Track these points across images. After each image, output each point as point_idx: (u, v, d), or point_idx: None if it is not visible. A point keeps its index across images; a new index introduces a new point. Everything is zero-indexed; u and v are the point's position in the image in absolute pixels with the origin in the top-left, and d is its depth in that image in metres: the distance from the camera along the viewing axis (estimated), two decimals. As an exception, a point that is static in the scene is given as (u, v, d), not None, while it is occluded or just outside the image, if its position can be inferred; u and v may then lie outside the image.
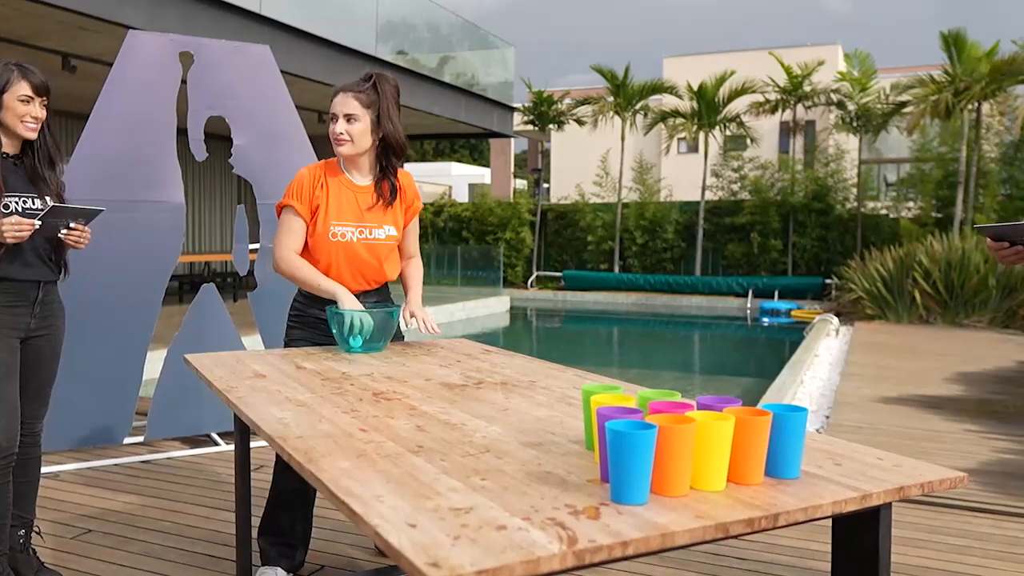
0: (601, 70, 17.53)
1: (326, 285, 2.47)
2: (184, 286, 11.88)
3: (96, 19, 6.75)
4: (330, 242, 2.50)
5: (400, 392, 1.85)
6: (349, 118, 2.44)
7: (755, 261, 16.90)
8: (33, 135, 2.46)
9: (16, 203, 2.44)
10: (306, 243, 2.55)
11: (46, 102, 2.49)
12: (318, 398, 1.78)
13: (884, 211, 17.20)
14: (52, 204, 2.46)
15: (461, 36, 14.89)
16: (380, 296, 2.65)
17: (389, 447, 1.39)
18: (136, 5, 7.12)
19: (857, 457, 1.34)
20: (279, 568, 2.58)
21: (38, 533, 2.72)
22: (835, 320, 11.78)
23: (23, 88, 2.41)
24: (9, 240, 2.30)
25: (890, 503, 1.26)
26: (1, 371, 2.43)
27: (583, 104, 18.56)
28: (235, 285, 12.63)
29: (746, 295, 15.93)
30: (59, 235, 2.49)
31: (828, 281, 15.62)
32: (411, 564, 0.91)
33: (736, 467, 1.20)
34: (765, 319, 14.75)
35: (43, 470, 2.83)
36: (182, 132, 4.18)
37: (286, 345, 2.67)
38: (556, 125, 18.90)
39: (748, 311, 15.50)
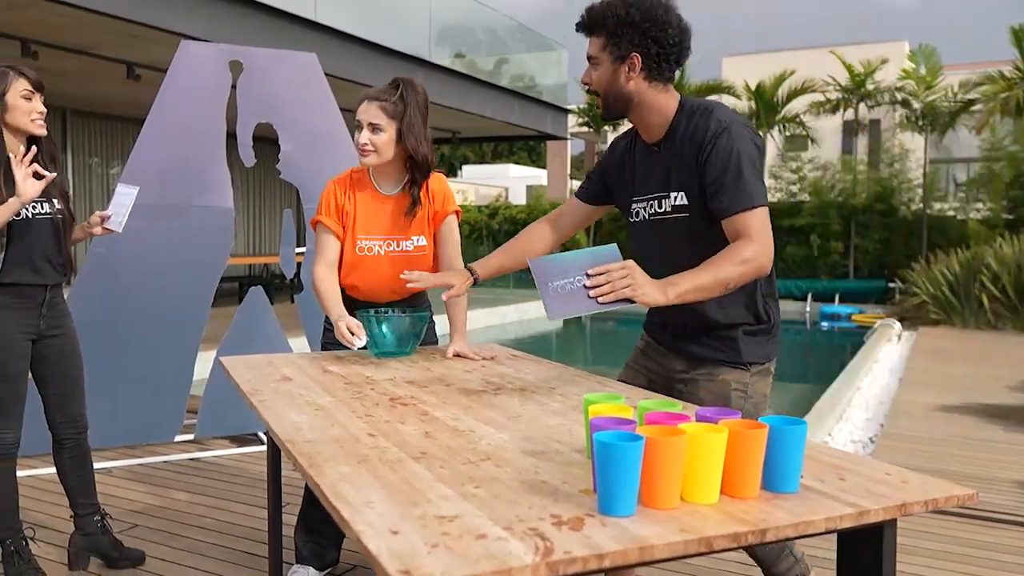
0: (657, 71, 17.35)
1: (329, 309, 2.45)
2: (243, 287, 12.18)
3: (155, 29, 6.98)
4: (358, 256, 2.52)
5: (417, 397, 1.87)
6: (374, 128, 2.40)
7: (815, 264, 16.54)
8: (43, 130, 2.51)
9: (26, 209, 2.50)
10: (342, 255, 2.57)
11: (43, 98, 2.54)
12: (337, 402, 1.82)
13: (951, 212, 16.65)
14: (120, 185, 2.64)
15: (518, 38, 14.94)
16: (415, 302, 2.66)
17: (392, 453, 1.41)
18: (193, 15, 7.34)
19: (864, 472, 1.31)
20: (311, 567, 2.64)
21: (111, 517, 2.86)
22: (897, 325, 11.46)
23: (23, 85, 2.46)
24: (33, 194, 2.40)
25: (894, 520, 1.23)
26: (12, 371, 2.53)
27: (639, 105, 18.40)
28: (292, 287, 12.90)
29: (805, 299, 15.60)
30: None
31: (891, 285, 15.20)
32: (384, 571, 0.92)
33: (731, 480, 1.19)
34: (824, 323, 14.41)
35: (96, 466, 2.93)
36: (231, 136, 4.30)
37: (322, 348, 2.72)
38: (612, 127, 18.79)
39: (807, 315, 15.17)
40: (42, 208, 2.55)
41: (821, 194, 16.55)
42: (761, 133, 16.99)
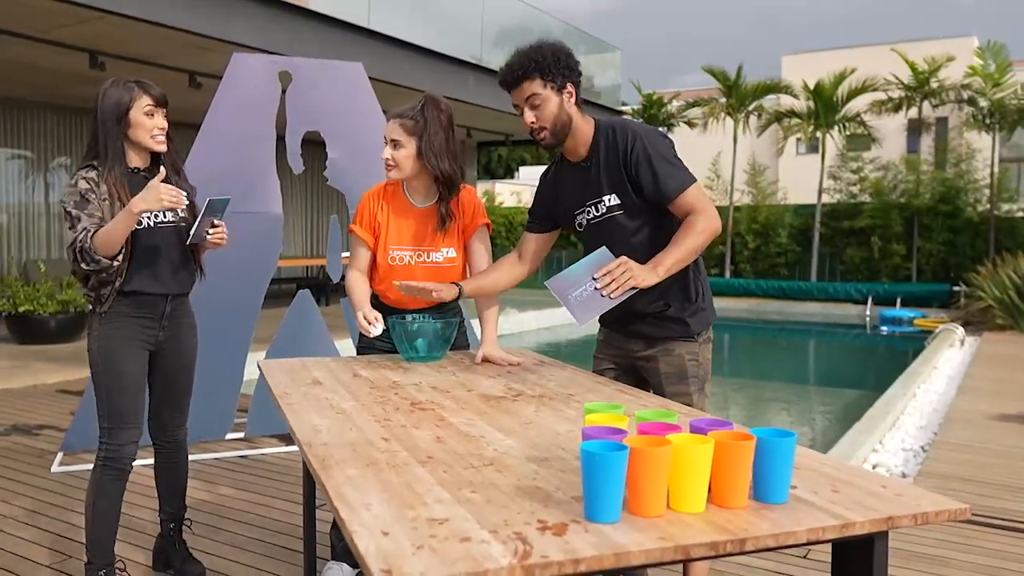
0: (712, 71, 17.19)
1: (354, 304, 2.58)
2: (299, 288, 12.46)
3: (213, 39, 7.22)
4: (390, 265, 2.61)
5: (437, 402, 1.94)
6: (395, 144, 2.50)
7: (876, 266, 16.15)
8: (163, 147, 2.51)
9: (148, 219, 2.50)
10: (376, 263, 2.67)
11: (165, 113, 2.54)
12: (359, 406, 1.89)
13: (1021, 213, 16.06)
14: (209, 198, 2.47)
15: (575, 40, 14.94)
16: (445, 308, 2.73)
17: (401, 456, 1.47)
18: (249, 25, 7.57)
19: (859, 484, 1.33)
20: (345, 563, 2.72)
21: (188, 527, 2.91)
22: (960, 330, 11.12)
23: (146, 101, 2.47)
24: (167, 204, 2.31)
25: (885, 532, 1.25)
26: (127, 381, 2.50)
27: (693, 106, 18.25)
28: (340, 290, 13.14)
29: (865, 302, 15.24)
30: (206, 234, 2.53)
31: (956, 288, 14.73)
32: (368, 569, 0.98)
33: (718, 490, 1.22)
34: (885, 328, 14.06)
35: (150, 462, 2.98)
36: (283, 142, 4.44)
37: (357, 352, 2.81)
38: (666, 128, 18.66)
39: (867, 319, 14.82)
40: (165, 217, 2.54)
41: (882, 195, 16.15)
42: (819, 133, 16.69)
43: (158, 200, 2.30)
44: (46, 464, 4.10)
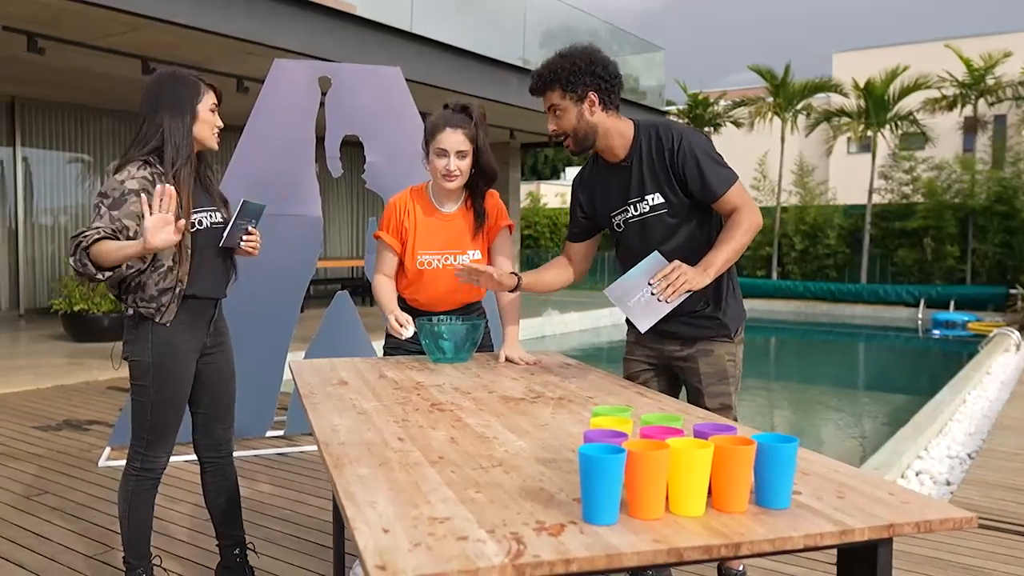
0: (759, 70, 16.97)
1: (383, 307, 2.65)
2: (344, 289, 12.65)
3: (259, 45, 7.38)
4: (418, 270, 2.67)
5: (456, 404, 1.97)
6: (461, 154, 2.55)
7: (928, 268, 15.77)
8: (216, 145, 2.43)
9: (207, 218, 2.40)
10: (404, 268, 2.73)
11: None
12: (380, 407, 1.94)
13: (1083, 214, 15.52)
14: (244, 199, 2.36)
15: (621, 40, 14.89)
16: (471, 311, 2.79)
17: (414, 456, 1.51)
18: (294, 32, 7.72)
19: (866, 490, 1.32)
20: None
21: (252, 550, 2.76)
22: (1016, 334, 10.80)
23: (211, 98, 2.39)
24: (160, 245, 2.09)
25: (889, 539, 1.24)
26: (180, 396, 2.40)
27: (740, 105, 18.03)
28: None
29: (917, 305, 14.89)
30: (239, 242, 2.43)
31: (1012, 291, 14.30)
32: (364, 564, 1.02)
33: (719, 495, 1.23)
34: (937, 331, 13.71)
35: (193, 457, 2.95)
36: (320, 142, 4.53)
37: (384, 353, 2.86)
38: (712, 128, 18.48)
39: (919, 322, 14.48)
40: (216, 217, 2.44)
41: (936, 195, 15.76)
42: (870, 132, 16.35)
43: (168, 238, 2.11)
44: (94, 459, 4.24)
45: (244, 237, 2.46)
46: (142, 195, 2.17)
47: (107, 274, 2.18)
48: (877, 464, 4.59)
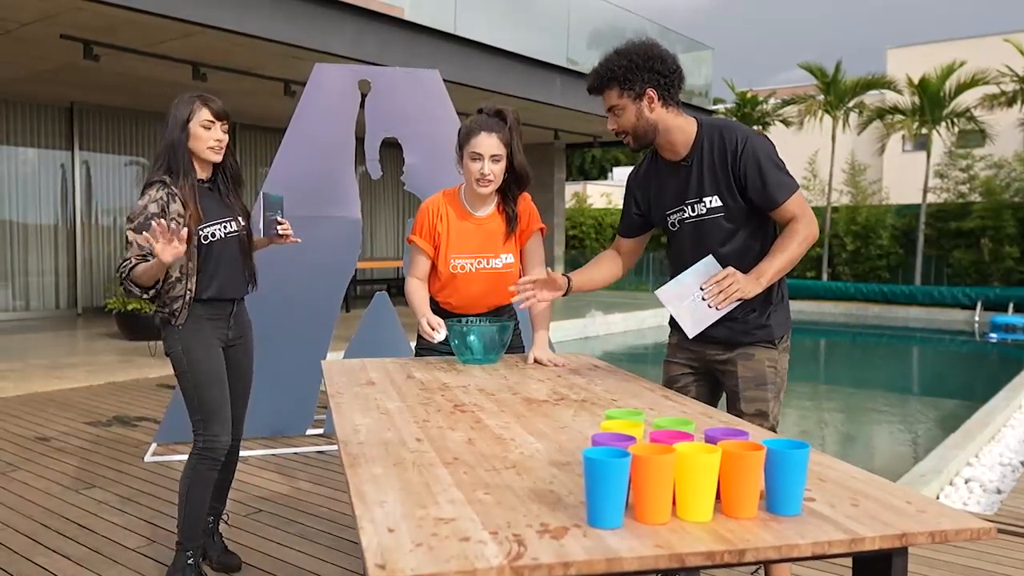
0: (809, 67, 16.66)
1: (415, 310, 2.68)
2: (391, 289, 12.79)
3: (307, 49, 7.50)
4: (451, 273, 2.69)
5: (479, 405, 1.98)
6: (496, 159, 2.56)
7: (986, 270, 15.31)
8: (218, 157, 2.63)
9: (220, 230, 2.66)
10: (437, 272, 2.75)
11: (226, 126, 2.64)
12: (403, 407, 1.96)
13: None
14: (263, 192, 2.63)
15: (671, 40, 14.78)
16: (501, 313, 2.80)
17: (429, 457, 1.52)
18: (341, 36, 7.83)
19: (881, 498, 1.29)
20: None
21: (225, 521, 3.04)
22: (1077, 338, 10.41)
23: (205, 115, 2.59)
24: (170, 259, 2.39)
25: (905, 548, 1.21)
26: (213, 374, 2.66)
27: (789, 104, 17.73)
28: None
29: (974, 307, 14.46)
30: (275, 231, 2.72)
31: (1075, 294, 13.81)
32: (365, 562, 1.03)
33: (728, 500, 1.22)
34: (994, 335, 13.29)
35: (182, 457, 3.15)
36: (360, 143, 4.59)
37: (416, 354, 2.89)
38: (761, 126, 18.20)
39: (976, 325, 14.06)
40: (231, 227, 2.70)
41: (994, 194, 15.29)
42: (925, 130, 15.94)
43: (176, 252, 2.38)
44: (141, 454, 4.36)
45: (277, 227, 2.75)
46: (154, 220, 2.42)
47: (151, 291, 2.57)
48: (924, 471, 4.48)
